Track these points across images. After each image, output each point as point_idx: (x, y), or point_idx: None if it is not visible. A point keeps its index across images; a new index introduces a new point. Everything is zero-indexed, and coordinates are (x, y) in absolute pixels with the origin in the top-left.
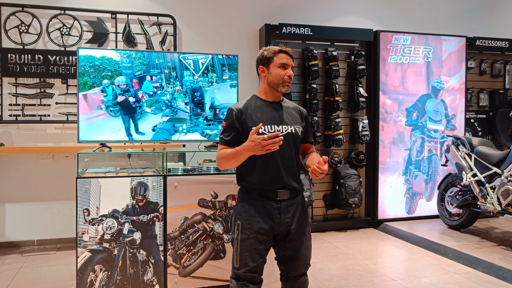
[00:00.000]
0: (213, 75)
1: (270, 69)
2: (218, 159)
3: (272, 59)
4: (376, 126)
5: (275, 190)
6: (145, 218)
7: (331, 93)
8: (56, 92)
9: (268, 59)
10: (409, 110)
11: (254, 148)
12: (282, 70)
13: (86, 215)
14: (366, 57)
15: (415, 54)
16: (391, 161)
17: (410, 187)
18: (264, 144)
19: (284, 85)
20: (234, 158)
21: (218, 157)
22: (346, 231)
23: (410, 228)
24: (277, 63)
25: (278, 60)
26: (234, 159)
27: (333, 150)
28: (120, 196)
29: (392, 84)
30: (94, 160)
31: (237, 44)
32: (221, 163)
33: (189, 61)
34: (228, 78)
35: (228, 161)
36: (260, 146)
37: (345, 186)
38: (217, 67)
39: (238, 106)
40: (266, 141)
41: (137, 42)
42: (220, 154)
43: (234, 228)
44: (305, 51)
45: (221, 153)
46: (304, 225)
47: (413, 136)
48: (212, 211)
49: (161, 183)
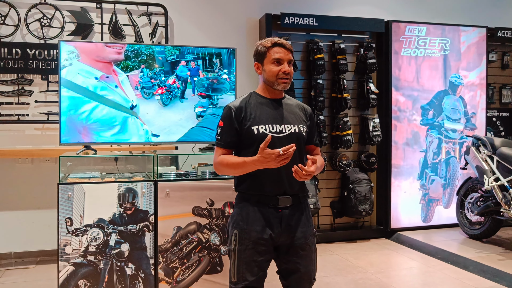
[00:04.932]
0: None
1: (264, 65)
2: (218, 165)
3: (266, 54)
4: (388, 126)
5: (275, 197)
6: (134, 228)
7: (338, 90)
8: (35, 89)
9: (262, 55)
10: (425, 108)
11: (266, 163)
12: (276, 66)
13: (68, 225)
14: (377, 50)
15: (431, 46)
16: (405, 164)
17: (426, 193)
18: (279, 160)
19: (280, 83)
20: (240, 168)
21: (218, 162)
22: (356, 241)
23: (427, 238)
24: (271, 58)
25: (271, 55)
26: (240, 169)
27: (341, 152)
28: (106, 203)
29: (406, 79)
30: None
31: (235, 36)
32: (222, 170)
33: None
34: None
35: (232, 170)
36: (275, 161)
37: (355, 192)
38: (225, 60)
39: (236, 103)
40: (281, 155)
41: (125, 34)
42: (222, 161)
43: (231, 238)
44: (309, 44)
45: (222, 159)
46: (308, 235)
47: (429, 137)
48: (208, 220)
49: (151, 189)
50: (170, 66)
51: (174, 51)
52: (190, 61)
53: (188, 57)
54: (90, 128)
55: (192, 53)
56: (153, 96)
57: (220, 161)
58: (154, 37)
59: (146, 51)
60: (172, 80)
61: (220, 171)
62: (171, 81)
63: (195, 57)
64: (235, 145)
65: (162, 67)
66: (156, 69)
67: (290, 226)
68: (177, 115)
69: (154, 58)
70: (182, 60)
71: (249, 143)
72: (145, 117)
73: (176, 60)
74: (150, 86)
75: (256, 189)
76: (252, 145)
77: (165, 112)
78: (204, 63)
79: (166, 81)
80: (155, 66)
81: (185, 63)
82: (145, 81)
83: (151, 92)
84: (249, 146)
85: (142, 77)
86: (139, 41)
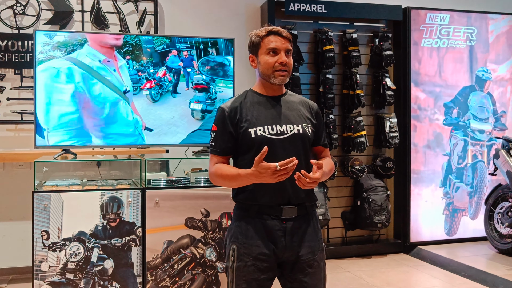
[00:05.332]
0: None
1: (259, 57)
2: (212, 175)
3: (259, 44)
4: (407, 126)
5: (279, 207)
6: (119, 242)
7: (350, 85)
8: (7, 85)
9: (256, 46)
10: (448, 105)
11: (264, 178)
12: (272, 56)
13: (45, 239)
14: (394, 41)
15: (455, 36)
16: (426, 170)
17: (450, 202)
18: (276, 175)
19: (277, 75)
20: (233, 181)
21: (212, 172)
22: (371, 257)
23: (451, 253)
24: (265, 48)
25: (265, 45)
26: (234, 182)
27: (354, 156)
28: (88, 214)
29: (427, 73)
30: (55, 169)
31: (232, 25)
32: (217, 181)
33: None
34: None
35: (227, 183)
36: (271, 177)
37: (369, 201)
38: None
39: (230, 104)
40: (279, 170)
41: (108, 23)
42: (216, 171)
43: (229, 254)
44: (318, 34)
45: (216, 169)
46: (316, 250)
47: (453, 138)
48: (203, 233)
49: (138, 198)
50: (160, 57)
51: (163, 40)
52: (183, 50)
53: (180, 47)
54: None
55: (184, 43)
56: (141, 91)
57: (215, 171)
58: (142, 26)
59: (131, 41)
60: (162, 73)
61: (215, 182)
62: (161, 74)
63: (188, 46)
64: (231, 151)
65: (151, 58)
66: (144, 61)
67: (295, 240)
68: (169, 113)
69: (141, 48)
70: (173, 50)
71: (246, 148)
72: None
73: (167, 50)
74: (137, 79)
75: (256, 198)
76: (251, 150)
77: (155, 109)
78: (198, 54)
79: (156, 74)
80: (142, 58)
81: (177, 53)
82: (131, 74)
83: (138, 87)
84: (247, 151)
85: (128, 70)
86: (125, 31)
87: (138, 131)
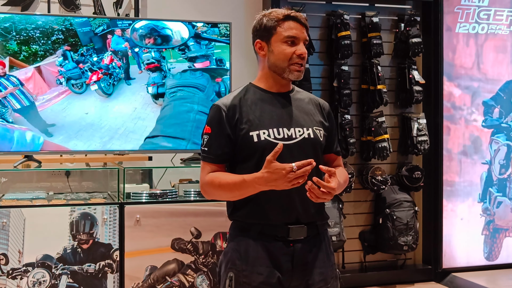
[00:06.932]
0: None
1: (272, 45)
2: (207, 186)
3: (275, 29)
4: (438, 129)
5: (285, 226)
6: (92, 268)
7: (370, 79)
8: None
9: (269, 30)
10: (488, 104)
11: (276, 182)
12: (290, 46)
13: (3, 264)
14: (422, 26)
15: (496, 20)
16: (461, 181)
17: (491, 220)
18: (291, 178)
19: (293, 70)
20: (237, 190)
21: (205, 183)
22: (395, 286)
23: (491, 282)
24: (282, 35)
25: (283, 32)
26: (237, 192)
27: (375, 165)
28: (55, 235)
29: (462, 65)
30: (16, 180)
31: (229, 7)
32: (212, 193)
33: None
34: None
35: (227, 193)
36: (286, 180)
37: (393, 219)
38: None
39: (227, 101)
40: (296, 173)
41: (80, 4)
42: (212, 181)
43: (225, 283)
44: (331, 17)
45: (212, 178)
46: (329, 278)
47: (494, 143)
48: (193, 258)
49: (116, 215)
50: (102, 40)
51: (101, 20)
52: (125, 28)
53: (122, 25)
54: None
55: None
56: (88, 86)
57: (210, 181)
58: (120, 8)
59: (60, 26)
60: (108, 59)
61: (209, 194)
62: (108, 60)
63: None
64: (228, 158)
65: (92, 44)
66: (83, 49)
67: (305, 265)
68: (128, 105)
69: (76, 33)
70: (116, 29)
71: (246, 154)
72: (85, 121)
73: (108, 30)
74: (79, 74)
75: (258, 215)
76: (251, 158)
77: (111, 104)
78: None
79: (101, 62)
80: (79, 44)
81: (121, 32)
82: (70, 69)
83: (83, 82)
84: (247, 159)
85: (64, 64)
86: (99, 13)
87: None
